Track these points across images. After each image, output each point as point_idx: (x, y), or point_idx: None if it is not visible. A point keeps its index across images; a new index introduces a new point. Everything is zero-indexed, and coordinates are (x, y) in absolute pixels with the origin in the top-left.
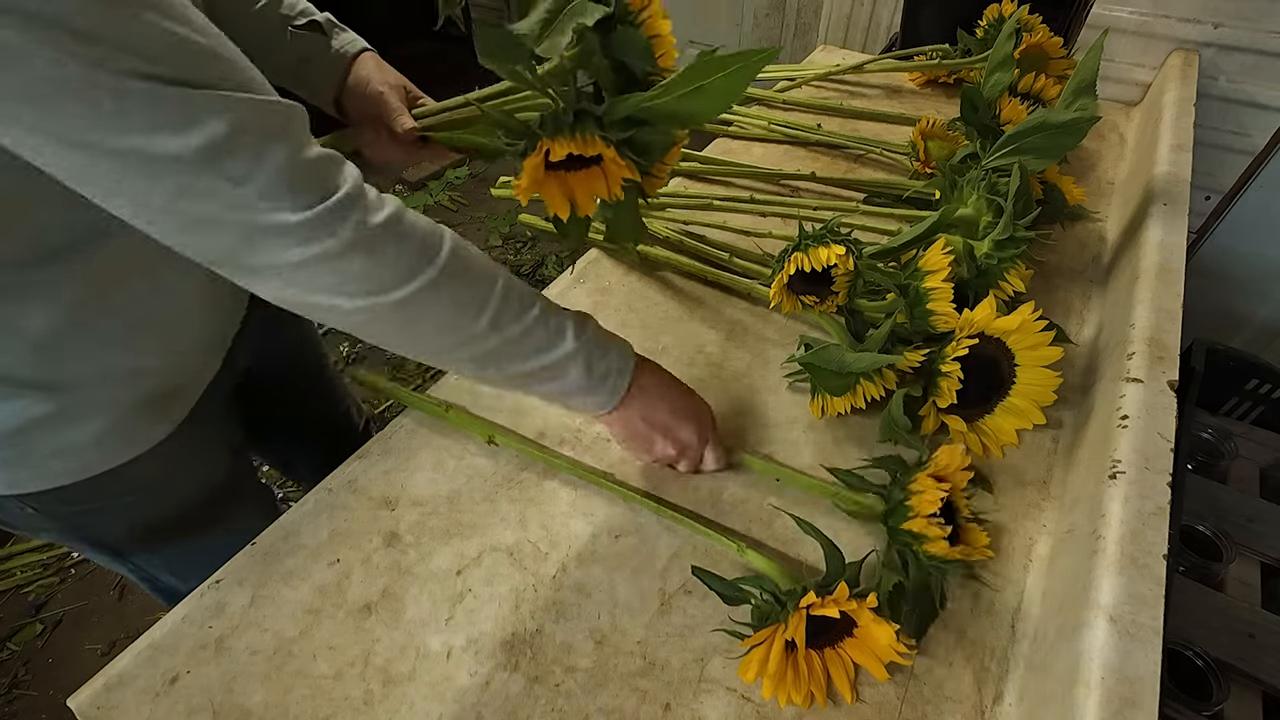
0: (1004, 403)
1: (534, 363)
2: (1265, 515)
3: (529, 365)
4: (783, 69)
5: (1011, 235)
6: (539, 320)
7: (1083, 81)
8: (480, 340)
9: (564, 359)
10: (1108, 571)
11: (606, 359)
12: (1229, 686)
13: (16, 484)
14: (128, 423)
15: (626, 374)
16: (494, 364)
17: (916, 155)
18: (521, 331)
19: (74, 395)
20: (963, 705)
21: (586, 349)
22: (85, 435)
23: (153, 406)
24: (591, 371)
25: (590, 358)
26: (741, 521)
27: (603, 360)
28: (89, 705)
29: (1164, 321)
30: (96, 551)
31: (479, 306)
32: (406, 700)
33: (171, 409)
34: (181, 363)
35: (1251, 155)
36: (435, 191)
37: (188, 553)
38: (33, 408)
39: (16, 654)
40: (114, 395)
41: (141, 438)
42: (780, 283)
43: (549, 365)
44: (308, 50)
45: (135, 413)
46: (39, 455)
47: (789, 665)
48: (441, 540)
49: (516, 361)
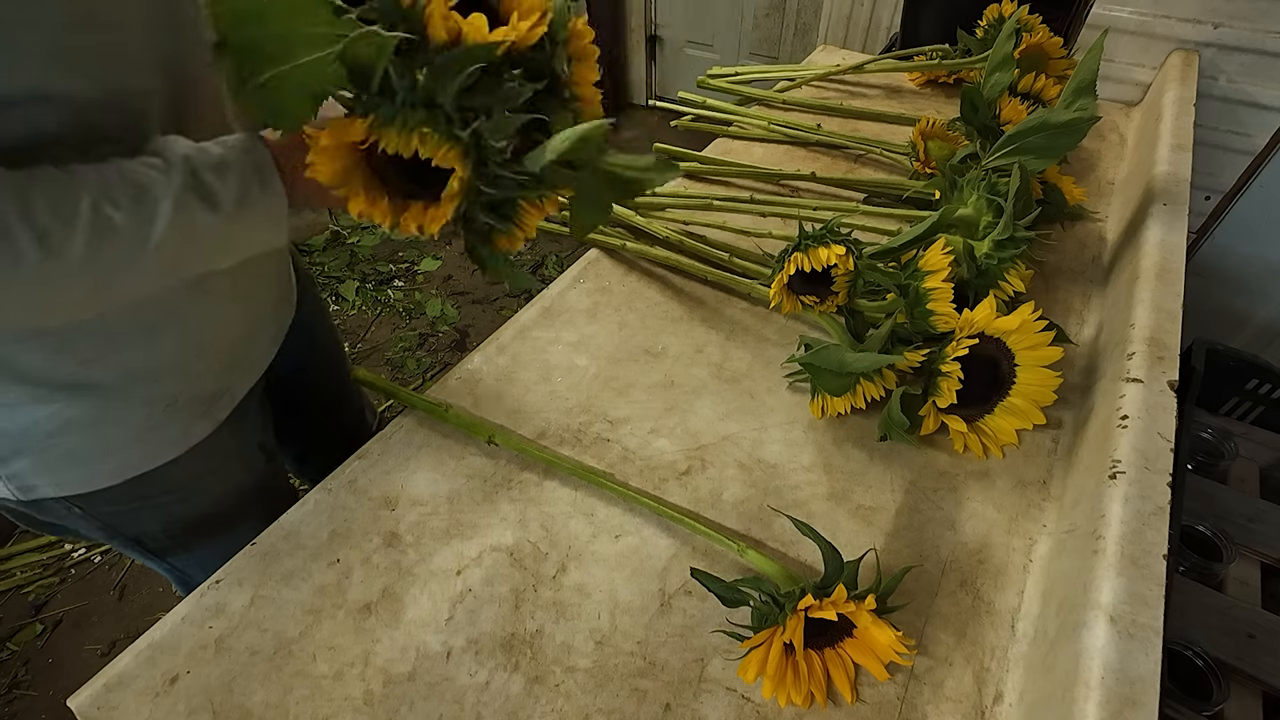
0: (1004, 403)
1: (144, 248)
2: (1265, 515)
3: (144, 256)
4: (783, 69)
5: (1011, 235)
6: (100, 208)
7: (1083, 81)
8: (49, 274)
9: (175, 223)
10: (1108, 571)
11: (225, 180)
12: (1229, 686)
13: (64, 485)
14: (166, 424)
15: (268, 171)
16: (104, 281)
17: (916, 155)
18: (90, 238)
19: (112, 396)
20: (963, 705)
21: (197, 191)
22: (123, 436)
23: (197, 405)
24: (220, 207)
25: (208, 195)
26: (742, 521)
27: (226, 183)
28: (89, 705)
29: (1164, 321)
30: (136, 550)
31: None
32: (406, 700)
33: (215, 409)
34: (232, 365)
35: (1251, 155)
36: None
37: (222, 553)
38: (67, 410)
39: (16, 654)
40: (155, 395)
41: (181, 439)
42: (780, 283)
43: (164, 242)
44: None
45: (178, 413)
46: (83, 457)
47: (789, 666)
48: (441, 540)
49: (122, 269)
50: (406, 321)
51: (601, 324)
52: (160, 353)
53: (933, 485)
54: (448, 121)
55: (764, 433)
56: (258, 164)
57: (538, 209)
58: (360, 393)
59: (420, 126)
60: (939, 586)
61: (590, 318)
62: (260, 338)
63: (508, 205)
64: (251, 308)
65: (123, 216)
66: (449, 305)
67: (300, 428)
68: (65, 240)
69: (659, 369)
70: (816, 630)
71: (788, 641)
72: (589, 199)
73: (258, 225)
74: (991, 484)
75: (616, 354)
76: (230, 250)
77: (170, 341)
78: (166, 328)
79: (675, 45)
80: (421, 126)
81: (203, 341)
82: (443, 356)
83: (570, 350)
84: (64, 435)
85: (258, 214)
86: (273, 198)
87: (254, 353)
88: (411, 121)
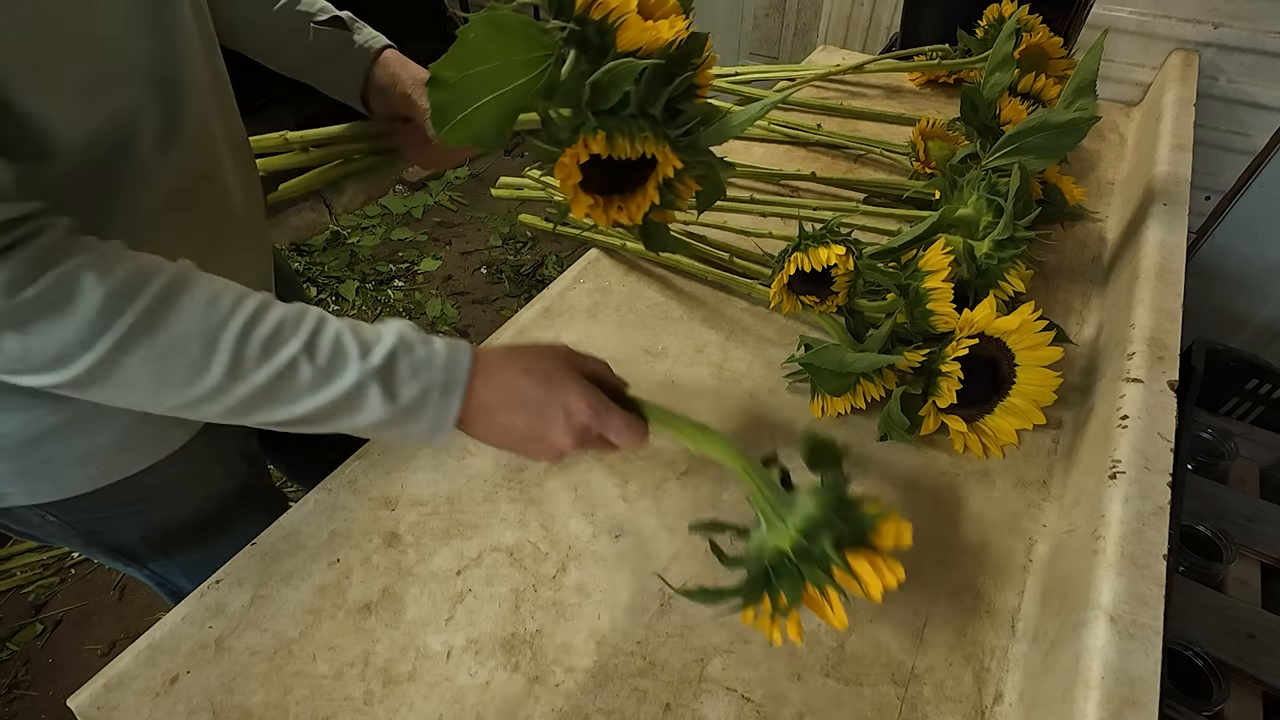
0: (1004, 403)
1: (307, 404)
2: (1265, 515)
3: (301, 408)
4: (783, 69)
5: (1011, 235)
6: (299, 358)
7: (1083, 81)
8: (221, 392)
9: (351, 392)
10: (1108, 571)
11: (417, 380)
12: (1229, 686)
13: (37, 493)
14: (144, 430)
15: (454, 391)
16: (254, 412)
17: (916, 155)
18: (273, 375)
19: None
20: (963, 705)
21: (382, 377)
22: (101, 443)
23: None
24: (397, 399)
25: (391, 384)
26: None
27: (413, 382)
28: (89, 705)
29: (1164, 321)
30: (113, 558)
31: (200, 357)
32: (406, 700)
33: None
34: None
35: (1251, 155)
36: (435, 191)
37: (203, 558)
38: (46, 418)
39: (16, 654)
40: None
41: (159, 445)
42: (780, 283)
43: (332, 403)
44: (328, 48)
45: (152, 420)
46: (58, 464)
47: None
48: (441, 540)
49: (282, 406)
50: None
51: (601, 324)
52: None
53: (933, 485)
54: (655, 123)
55: (764, 433)
56: (451, 378)
57: (690, 186)
58: None
59: (643, 133)
60: (939, 586)
61: (590, 317)
62: None
63: (670, 184)
64: None
65: (309, 373)
66: (449, 305)
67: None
68: (252, 374)
69: (659, 369)
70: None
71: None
72: (711, 179)
73: (406, 432)
74: (991, 484)
75: (616, 354)
76: (357, 431)
77: None
78: None
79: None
80: (643, 133)
81: None
82: None
83: None
84: (41, 442)
85: (417, 423)
86: (442, 414)
87: None
88: (636, 130)
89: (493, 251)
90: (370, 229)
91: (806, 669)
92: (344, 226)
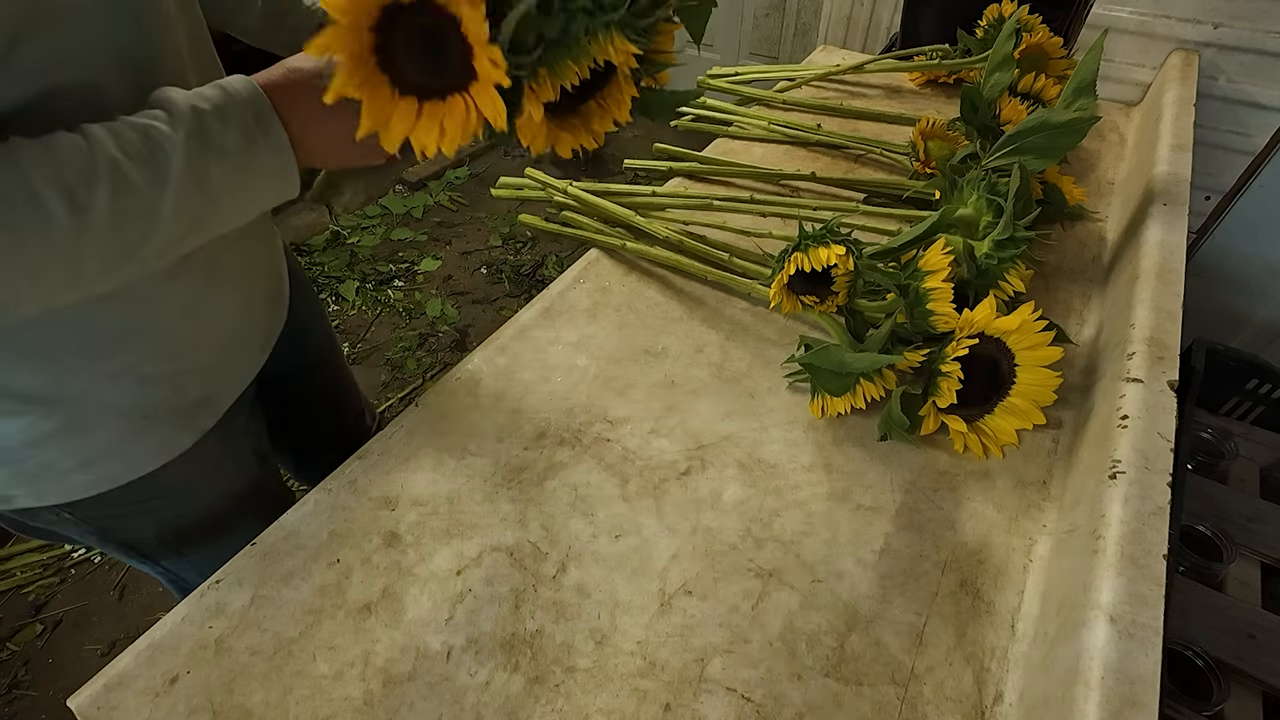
0: (1004, 403)
1: (167, 207)
2: (1265, 515)
3: (168, 211)
4: (783, 69)
5: (1011, 235)
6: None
7: (1083, 81)
8: (83, 233)
9: (187, 170)
10: (1108, 571)
11: (228, 128)
12: (1229, 686)
13: (43, 495)
14: (149, 434)
15: (265, 116)
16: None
17: (916, 155)
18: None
19: (88, 409)
20: (963, 705)
21: (197, 141)
22: (97, 447)
23: (179, 416)
24: (226, 157)
25: (209, 143)
26: (741, 522)
27: (226, 131)
28: (89, 705)
29: (1164, 321)
30: (127, 554)
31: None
32: (406, 700)
33: (198, 418)
34: (217, 374)
35: (1251, 155)
36: (435, 191)
37: (216, 556)
38: (40, 423)
39: (16, 654)
40: (133, 406)
41: (166, 448)
42: (780, 283)
43: (180, 196)
44: (281, 10)
45: (159, 424)
46: (60, 468)
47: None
48: (441, 540)
49: (148, 225)
50: (406, 321)
51: (601, 324)
52: (140, 361)
53: (933, 485)
54: (589, 13)
55: (764, 433)
56: (257, 112)
57: (668, 32)
58: (359, 394)
59: (586, 39)
60: (939, 586)
61: (590, 318)
62: (248, 346)
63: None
64: (239, 314)
65: (139, 173)
66: (449, 305)
67: (298, 431)
68: (90, 197)
69: (659, 369)
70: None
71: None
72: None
73: (266, 175)
74: (991, 484)
75: (616, 354)
76: (243, 204)
77: (151, 349)
78: (148, 333)
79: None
80: (586, 38)
81: (185, 349)
82: (443, 356)
83: (570, 350)
84: (39, 448)
85: (265, 164)
86: (277, 147)
87: (240, 361)
88: (576, 44)
89: (493, 251)
90: (370, 229)
91: (806, 669)
92: (344, 226)
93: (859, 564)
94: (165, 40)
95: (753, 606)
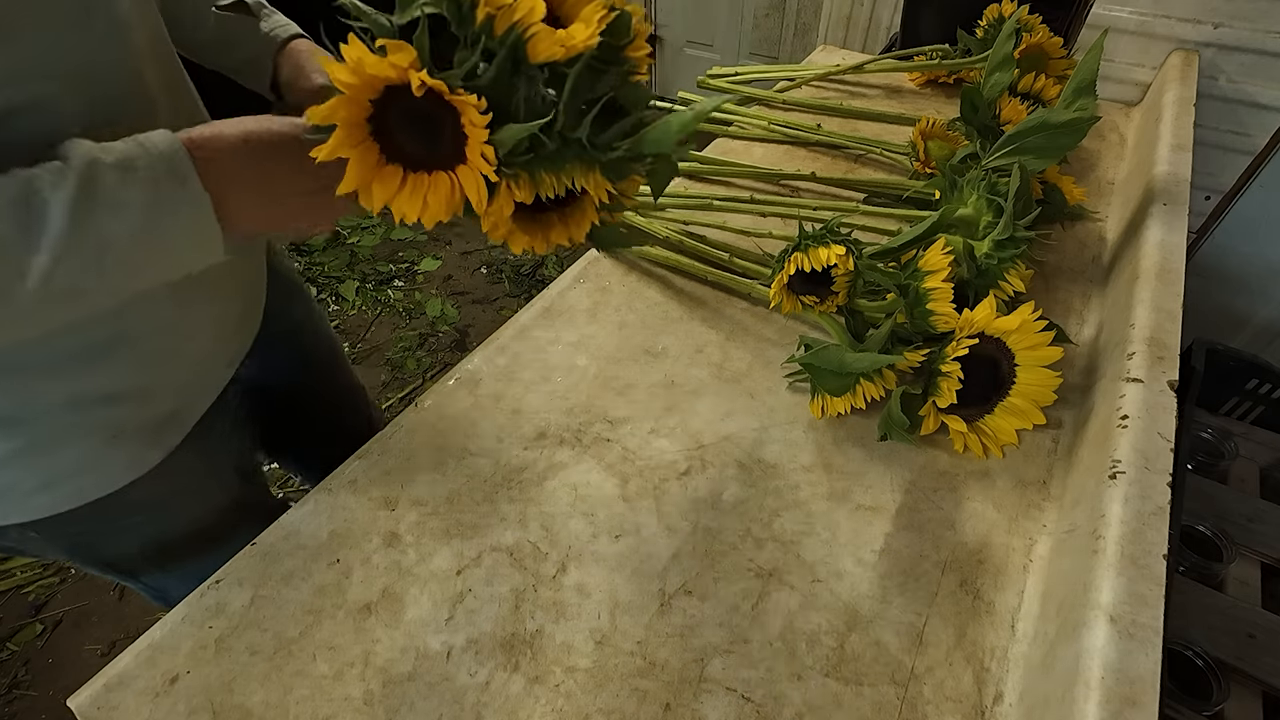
0: (1004, 403)
1: (32, 260)
2: (1265, 515)
3: (37, 264)
4: (783, 69)
5: (1011, 235)
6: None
7: (1083, 81)
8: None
9: (70, 234)
10: (1108, 571)
11: (128, 182)
12: (1229, 686)
13: (7, 514)
14: (117, 451)
15: (182, 171)
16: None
17: (916, 155)
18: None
19: (52, 429)
20: (963, 705)
21: (87, 196)
22: (61, 467)
23: (145, 433)
24: (123, 215)
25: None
26: (741, 522)
27: (125, 184)
28: (89, 705)
29: (1164, 321)
30: (104, 570)
31: None
32: (406, 700)
33: (166, 434)
34: (183, 389)
35: (1251, 155)
36: None
37: (200, 571)
38: (6, 443)
39: (16, 654)
40: (89, 424)
41: (134, 465)
42: (780, 283)
43: (63, 253)
44: (235, 34)
45: (126, 441)
46: (23, 488)
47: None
48: (441, 540)
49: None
50: (406, 321)
51: (601, 324)
52: (106, 379)
53: (933, 485)
54: (582, 148)
55: (764, 433)
56: (172, 167)
57: (635, 183)
58: (363, 394)
59: (568, 164)
60: (939, 586)
61: (590, 318)
62: (217, 362)
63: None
64: (210, 331)
65: (5, 224)
66: (449, 305)
67: (302, 434)
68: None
69: (659, 369)
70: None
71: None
72: (663, 167)
73: (179, 232)
74: (991, 484)
75: (616, 354)
76: (159, 259)
77: (118, 367)
78: (115, 351)
79: (675, 45)
80: (569, 164)
81: (154, 366)
82: (443, 356)
83: (570, 350)
84: (1, 469)
85: (178, 220)
86: (193, 203)
87: (208, 377)
88: (561, 162)
89: (492, 251)
90: (370, 229)
91: (806, 669)
92: (344, 226)
93: (859, 564)
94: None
95: (753, 606)
